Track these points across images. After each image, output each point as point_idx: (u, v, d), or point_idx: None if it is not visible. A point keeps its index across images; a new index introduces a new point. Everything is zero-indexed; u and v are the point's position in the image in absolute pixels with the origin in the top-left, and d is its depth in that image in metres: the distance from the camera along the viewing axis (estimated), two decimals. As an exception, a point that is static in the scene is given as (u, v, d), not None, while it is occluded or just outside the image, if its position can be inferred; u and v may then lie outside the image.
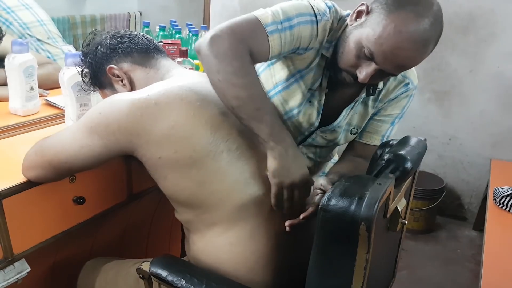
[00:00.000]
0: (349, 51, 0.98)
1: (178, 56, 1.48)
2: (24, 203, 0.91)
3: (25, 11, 1.76)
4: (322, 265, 0.73)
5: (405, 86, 1.16)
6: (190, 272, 0.85)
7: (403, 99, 1.18)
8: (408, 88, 1.16)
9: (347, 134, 1.23)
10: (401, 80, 1.15)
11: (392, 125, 1.22)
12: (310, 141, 1.24)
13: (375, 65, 0.95)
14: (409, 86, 1.16)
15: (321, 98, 1.14)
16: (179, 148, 0.84)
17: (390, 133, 1.23)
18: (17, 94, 1.24)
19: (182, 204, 0.92)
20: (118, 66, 1.00)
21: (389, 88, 1.16)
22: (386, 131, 1.22)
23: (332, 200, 0.70)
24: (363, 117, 1.20)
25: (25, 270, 0.96)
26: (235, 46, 0.90)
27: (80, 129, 0.86)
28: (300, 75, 1.12)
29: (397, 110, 1.20)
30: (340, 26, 1.04)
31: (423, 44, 0.91)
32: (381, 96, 1.17)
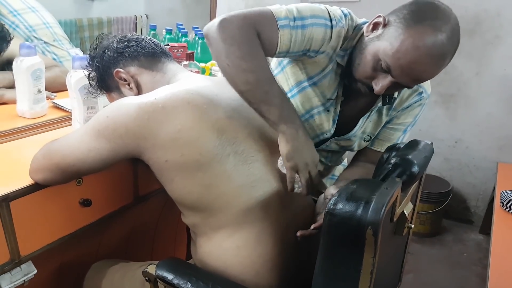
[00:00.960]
0: (366, 63, 0.98)
1: (185, 59, 1.49)
2: (31, 205, 0.91)
3: (31, 14, 1.78)
4: (328, 269, 0.73)
5: (419, 95, 1.16)
6: (196, 275, 0.85)
7: (416, 108, 1.18)
8: (421, 97, 1.17)
9: (361, 142, 1.23)
10: (415, 89, 1.15)
11: (404, 133, 1.22)
12: (323, 147, 1.24)
13: (392, 78, 0.95)
14: (422, 95, 1.16)
15: (336, 107, 1.14)
16: (186, 152, 0.85)
17: (401, 140, 1.23)
18: (25, 96, 1.25)
19: (189, 208, 0.92)
20: (125, 69, 1.01)
21: (403, 97, 1.16)
22: (398, 139, 1.22)
23: (339, 204, 0.70)
24: (377, 125, 1.20)
25: (31, 272, 0.96)
26: (244, 30, 0.90)
27: (87, 132, 0.87)
28: (312, 81, 1.11)
29: (410, 119, 1.20)
30: (356, 34, 1.04)
31: (440, 58, 0.91)
32: (395, 104, 1.17)
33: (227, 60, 0.89)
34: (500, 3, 2.30)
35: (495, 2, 2.31)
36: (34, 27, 1.77)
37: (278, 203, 0.92)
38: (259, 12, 0.96)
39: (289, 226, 0.92)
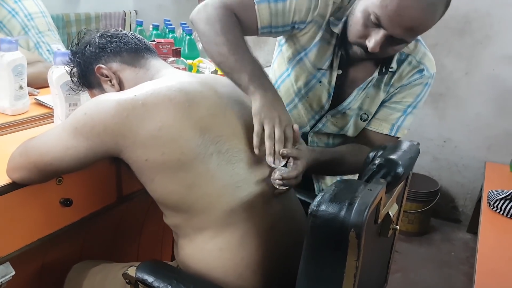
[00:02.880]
0: (357, 21, 1.00)
1: (171, 56, 1.46)
2: (9, 204, 0.89)
3: (29, 1, 1.74)
4: (311, 272, 0.72)
5: (420, 73, 1.14)
6: (177, 278, 0.83)
7: (416, 86, 1.15)
8: (422, 75, 1.14)
9: (357, 120, 1.20)
10: (416, 65, 1.14)
11: (405, 114, 1.18)
12: (320, 127, 1.23)
13: (384, 31, 0.95)
14: (423, 73, 1.14)
15: (332, 79, 1.15)
16: (167, 150, 0.83)
17: (402, 123, 1.18)
18: (6, 93, 1.22)
19: (170, 208, 0.90)
20: (107, 65, 0.98)
21: (403, 73, 1.14)
22: (397, 120, 1.18)
23: (322, 206, 0.68)
24: (375, 102, 1.18)
25: (9, 273, 0.93)
26: (220, 10, 1.01)
27: (65, 130, 0.84)
28: (305, 52, 1.14)
29: (410, 98, 1.16)
30: (351, 4, 1.05)
31: (428, 2, 0.90)
32: (394, 80, 1.15)
33: (204, 37, 1.02)
34: (490, 3, 2.30)
35: (485, 2, 2.31)
36: (33, 15, 1.73)
37: (262, 204, 0.90)
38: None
39: (273, 228, 0.91)
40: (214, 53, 0.99)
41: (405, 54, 1.15)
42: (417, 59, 1.14)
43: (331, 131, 1.24)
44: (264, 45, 2.73)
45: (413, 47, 1.15)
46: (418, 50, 1.15)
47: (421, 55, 1.15)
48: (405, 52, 1.14)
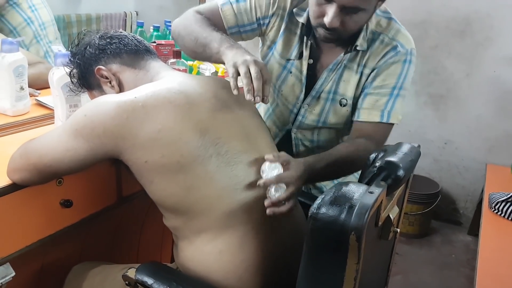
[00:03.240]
0: (312, 3, 1.04)
1: (172, 57, 1.46)
2: (9, 206, 0.89)
3: (44, 10, 1.74)
4: (311, 275, 0.71)
5: (393, 50, 1.12)
6: (177, 280, 0.83)
7: (394, 65, 1.12)
8: (397, 52, 1.12)
9: (336, 106, 1.19)
10: (388, 42, 1.13)
11: (391, 96, 1.13)
12: (300, 120, 1.23)
13: (335, 4, 0.98)
14: (398, 50, 1.12)
15: (302, 68, 1.17)
16: (166, 152, 0.83)
17: (392, 107, 1.14)
18: (7, 94, 1.22)
19: (170, 210, 0.90)
20: (106, 67, 0.98)
21: (375, 52, 1.13)
22: (386, 105, 1.14)
23: (322, 208, 0.68)
24: (350, 85, 1.16)
25: (9, 274, 0.93)
26: (191, 14, 1.15)
27: (65, 131, 0.84)
28: (274, 46, 1.19)
29: (391, 79, 1.13)
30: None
31: None
32: (366, 60, 1.14)
33: (179, 40, 1.17)
34: (490, 5, 2.30)
35: (486, 3, 2.31)
36: (46, 23, 1.73)
37: (262, 206, 0.90)
38: (208, 3, 1.21)
39: (273, 230, 0.90)
40: (188, 45, 1.11)
41: (377, 32, 1.13)
42: (390, 36, 1.12)
43: (312, 122, 1.22)
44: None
45: (385, 25, 1.14)
46: (391, 28, 1.13)
47: (394, 32, 1.13)
48: (377, 30, 1.13)
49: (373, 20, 1.13)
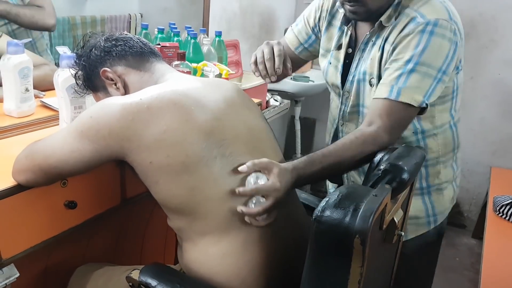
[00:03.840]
0: None
1: (176, 59, 1.47)
2: (14, 207, 0.89)
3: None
4: (315, 278, 0.71)
5: (413, 21, 1.02)
6: (180, 282, 0.83)
7: (409, 36, 1.01)
8: (417, 23, 1.01)
9: (367, 87, 1.12)
10: (409, 14, 1.04)
11: (404, 71, 1.00)
12: (343, 109, 1.22)
13: None
14: (417, 21, 1.01)
15: (339, 56, 1.20)
16: (171, 153, 0.83)
17: (404, 83, 0.99)
18: (12, 95, 1.23)
19: (174, 211, 0.90)
20: (112, 69, 0.99)
21: (398, 27, 1.05)
22: (397, 80, 1.00)
23: (326, 211, 0.68)
24: (375, 63, 1.09)
25: (13, 275, 0.93)
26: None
27: (70, 133, 0.85)
28: (321, 44, 1.29)
29: (407, 52, 1.00)
30: None
31: None
32: (388, 34, 1.07)
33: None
34: (495, 7, 2.30)
35: (491, 6, 2.31)
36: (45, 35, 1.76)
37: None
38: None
39: (276, 233, 0.90)
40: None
41: (404, 6, 1.06)
42: (414, 8, 1.04)
43: (352, 109, 1.18)
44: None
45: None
46: (421, 0, 1.05)
47: (421, 4, 1.04)
48: (406, 4, 1.06)
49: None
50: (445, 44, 1.00)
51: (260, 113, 1.07)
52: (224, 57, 1.87)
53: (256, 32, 2.58)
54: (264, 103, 1.93)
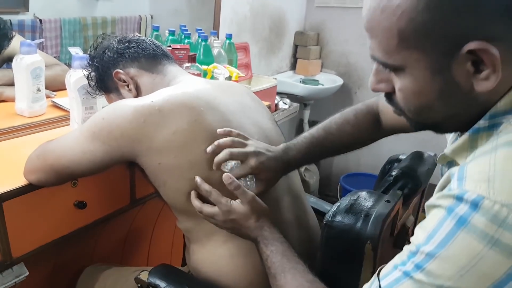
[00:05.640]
0: None
1: (187, 61, 1.47)
2: (25, 206, 0.90)
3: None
4: (325, 284, 0.71)
5: (448, 187, 0.53)
6: (189, 284, 0.83)
7: (435, 213, 0.52)
8: (449, 189, 0.51)
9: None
10: (453, 172, 0.55)
11: (394, 269, 0.57)
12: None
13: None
14: (451, 186, 0.52)
15: None
16: (179, 154, 0.83)
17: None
18: (24, 95, 1.24)
19: (182, 212, 0.90)
20: (124, 71, 0.99)
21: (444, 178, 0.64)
22: (386, 276, 0.59)
23: (338, 216, 0.68)
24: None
25: (23, 274, 0.94)
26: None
27: (83, 134, 0.85)
28: None
29: (419, 235, 0.53)
30: None
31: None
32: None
33: None
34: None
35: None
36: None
37: (274, 212, 0.89)
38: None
39: (285, 236, 0.89)
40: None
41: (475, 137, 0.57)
42: (465, 161, 0.55)
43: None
44: (278, 51, 2.73)
45: (482, 139, 0.55)
46: (483, 146, 0.54)
47: (475, 156, 0.53)
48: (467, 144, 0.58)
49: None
50: (476, 245, 0.46)
51: (270, 115, 1.06)
52: (234, 59, 1.88)
53: (267, 35, 2.58)
54: (273, 106, 1.93)
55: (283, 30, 2.73)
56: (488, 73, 0.49)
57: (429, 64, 0.51)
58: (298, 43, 2.83)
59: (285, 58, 2.83)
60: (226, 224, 0.82)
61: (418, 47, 0.50)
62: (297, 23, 2.85)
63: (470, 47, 0.48)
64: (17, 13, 2.00)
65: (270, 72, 2.65)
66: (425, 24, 0.48)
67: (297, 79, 2.71)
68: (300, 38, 2.81)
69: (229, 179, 0.78)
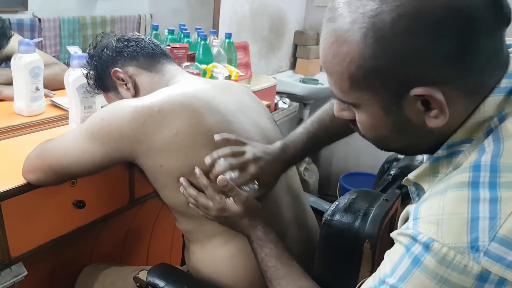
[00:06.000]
0: None
1: (186, 60, 1.47)
2: (23, 205, 0.90)
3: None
4: (324, 282, 0.71)
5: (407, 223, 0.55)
6: (188, 284, 0.83)
7: (396, 247, 0.55)
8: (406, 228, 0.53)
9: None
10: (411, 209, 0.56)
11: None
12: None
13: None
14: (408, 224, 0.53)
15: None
16: (181, 156, 0.83)
17: None
18: (22, 94, 1.23)
19: (183, 214, 0.90)
20: (123, 69, 0.99)
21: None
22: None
23: (336, 215, 0.68)
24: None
25: (22, 273, 0.94)
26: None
27: (82, 134, 0.85)
28: None
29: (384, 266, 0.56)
30: None
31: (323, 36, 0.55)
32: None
33: None
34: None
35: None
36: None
37: (274, 212, 0.90)
38: None
39: (285, 236, 0.90)
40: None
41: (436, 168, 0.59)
42: (425, 196, 0.56)
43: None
44: (278, 51, 2.73)
45: (441, 168, 0.59)
46: (444, 181, 0.54)
47: (434, 191, 0.54)
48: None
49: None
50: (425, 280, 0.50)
51: (270, 115, 1.06)
52: (233, 59, 1.88)
53: (266, 35, 2.58)
54: (273, 106, 1.93)
55: (282, 30, 2.73)
56: (437, 113, 0.51)
57: (381, 104, 0.54)
58: (298, 42, 2.83)
59: (285, 58, 2.83)
60: (218, 219, 0.83)
61: (369, 89, 0.53)
62: (297, 22, 2.85)
63: (415, 92, 0.50)
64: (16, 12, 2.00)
65: (269, 72, 2.65)
66: (373, 69, 0.51)
67: (297, 78, 2.71)
68: (300, 38, 2.81)
69: (224, 181, 0.78)
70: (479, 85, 0.52)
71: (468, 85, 0.51)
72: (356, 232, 0.65)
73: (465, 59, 0.48)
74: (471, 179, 0.50)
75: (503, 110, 0.52)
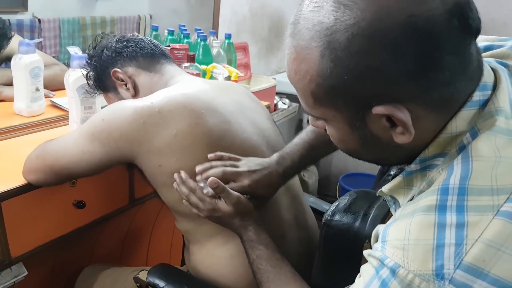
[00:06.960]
0: None
1: (186, 61, 1.47)
2: (24, 205, 0.90)
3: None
4: (324, 283, 0.71)
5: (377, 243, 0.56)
6: (188, 284, 0.83)
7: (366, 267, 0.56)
8: (375, 249, 0.54)
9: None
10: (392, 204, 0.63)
11: None
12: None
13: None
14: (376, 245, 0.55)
15: None
16: (180, 157, 0.83)
17: None
18: (23, 94, 1.24)
19: (182, 214, 0.90)
20: (122, 70, 0.99)
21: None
22: None
23: (336, 216, 0.68)
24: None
25: (22, 273, 0.94)
26: None
27: (82, 134, 0.85)
28: None
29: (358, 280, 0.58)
30: None
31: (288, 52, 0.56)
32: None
33: None
34: (507, 13, 2.28)
35: (502, 12, 2.29)
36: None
37: (273, 213, 0.90)
38: None
39: (284, 237, 0.90)
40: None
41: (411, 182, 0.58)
42: (398, 214, 0.53)
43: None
44: (278, 51, 2.73)
45: (416, 182, 0.57)
46: (419, 200, 0.51)
47: (409, 209, 0.51)
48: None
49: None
50: None
51: (269, 115, 1.06)
52: (233, 59, 1.88)
53: (266, 35, 2.58)
54: (273, 106, 1.93)
55: (282, 30, 2.73)
56: (402, 130, 0.50)
57: (346, 120, 0.53)
58: (298, 43, 2.83)
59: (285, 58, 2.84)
60: (210, 219, 0.83)
61: (332, 106, 0.52)
62: (296, 23, 2.85)
63: (377, 111, 0.48)
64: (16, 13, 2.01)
65: (269, 72, 2.65)
66: (332, 88, 0.49)
67: (297, 79, 2.71)
68: (300, 38, 2.81)
69: (215, 183, 0.78)
70: (447, 99, 0.49)
71: (434, 101, 0.49)
72: (356, 232, 0.65)
73: (428, 76, 0.46)
74: (438, 202, 0.48)
75: (476, 125, 0.50)
